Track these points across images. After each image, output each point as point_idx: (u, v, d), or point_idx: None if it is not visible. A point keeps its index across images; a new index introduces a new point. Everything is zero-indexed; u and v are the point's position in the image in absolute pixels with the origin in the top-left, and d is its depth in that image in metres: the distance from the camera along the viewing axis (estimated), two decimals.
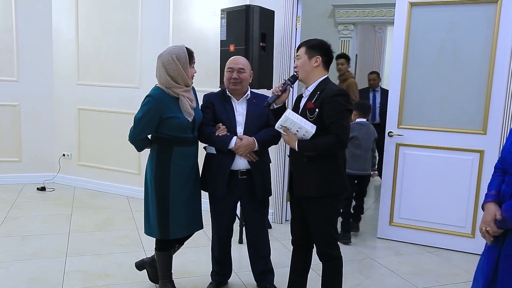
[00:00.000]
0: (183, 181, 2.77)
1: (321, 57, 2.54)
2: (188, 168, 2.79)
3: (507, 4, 3.64)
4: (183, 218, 2.80)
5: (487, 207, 1.99)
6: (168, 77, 2.67)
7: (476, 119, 3.86)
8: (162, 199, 2.73)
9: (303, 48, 2.57)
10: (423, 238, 4.11)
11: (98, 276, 3.29)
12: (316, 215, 2.56)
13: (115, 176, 5.45)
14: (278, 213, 4.59)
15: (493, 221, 1.93)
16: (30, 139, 5.70)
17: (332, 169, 2.51)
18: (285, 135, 2.51)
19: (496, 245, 1.97)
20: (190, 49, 2.75)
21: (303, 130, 2.46)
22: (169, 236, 2.79)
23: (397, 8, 4.01)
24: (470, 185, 3.91)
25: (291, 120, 2.45)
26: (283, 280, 2.99)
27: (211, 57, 4.52)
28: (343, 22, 7.11)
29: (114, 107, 5.35)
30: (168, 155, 2.72)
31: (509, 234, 1.90)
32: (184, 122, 2.69)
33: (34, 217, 4.52)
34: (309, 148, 2.47)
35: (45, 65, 5.66)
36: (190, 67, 2.71)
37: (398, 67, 4.05)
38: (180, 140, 2.73)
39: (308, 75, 2.56)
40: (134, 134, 2.73)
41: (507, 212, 1.88)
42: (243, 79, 2.88)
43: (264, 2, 4.19)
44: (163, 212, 2.74)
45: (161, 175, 2.72)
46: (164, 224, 2.76)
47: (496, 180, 2.04)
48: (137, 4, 5.11)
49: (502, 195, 1.97)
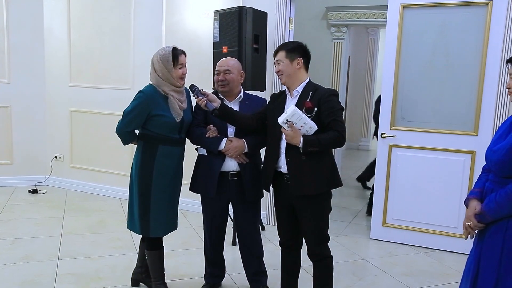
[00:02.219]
0: (166, 180, 2.80)
1: (302, 59, 2.59)
2: (172, 167, 2.82)
3: (498, 7, 3.67)
4: (163, 217, 2.83)
5: (469, 203, 2.10)
6: (157, 76, 2.73)
7: (468, 121, 3.88)
8: (144, 196, 2.77)
9: (283, 52, 2.59)
10: (416, 239, 4.13)
11: (90, 279, 3.27)
12: (312, 213, 2.57)
13: (108, 178, 5.42)
14: (271, 214, 4.59)
15: (474, 215, 2.03)
16: (21, 141, 5.66)
17: (328, 166, 2.55)
18: (289, 131, 2.47)
19: (480, 241, 2.06)
20: (178, 50, 2.76)
21: (307, 125, 2.46)
22: (149, 234, 2.83)
23: (389, 10, 4.03)
24: (462, 186, 3.93)
25: (299, 114, 2.43)
26: (276, 281, 3.00)
27: (205, 59, 4.52)
28: (336, 24, 7.13)
29: (106, 108, 5.32)
30: (153, 153, 2.75)
31: (489, 228, 1.99)
32: (171, 121, 2.72)
33: (25, 219, 4.49)
34: (313, 143, 2.47)
35: (37, 66, 5.63)
36: (175, 68, 2.73)
37: (390, 69, 4.07)
38: (165, 139, 2.76)
39: (292, 77, 2.59)
40: (122, 126, 2.81)
41: (486, 206, 1.98)
42: (230, 80, 2.87)
43: (257, 4, 4.19)
44: (145, 209, 2.78)
45: (145, 172, 2.76)
46: (145, 221, 2.79)
47: (482, 179, 2.14)
48: (130, 5, 5.10)
49: (485, 192, 2.06)
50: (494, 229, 1.98)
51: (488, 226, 2.01)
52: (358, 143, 10.13)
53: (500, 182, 1.98)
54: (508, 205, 1.91)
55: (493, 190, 2.00)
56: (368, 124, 10.03)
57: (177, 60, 2.73)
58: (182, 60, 2.76)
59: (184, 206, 4.79)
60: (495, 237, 1.97)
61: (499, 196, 1.93)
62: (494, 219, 1.97)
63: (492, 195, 1.98)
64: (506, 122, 2.10)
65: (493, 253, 1.98)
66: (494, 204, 1.95)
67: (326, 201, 2.61)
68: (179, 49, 2.77)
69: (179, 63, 2.74)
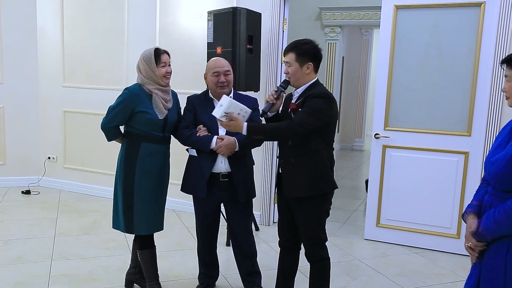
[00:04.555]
0: (149, 178, 2.82)
1: (312, 63, 2.54)
2: (156, 165, 2.84)
3: (491, 8, 3.69)
4: (146, 215, 2.84)
5: (467, 219, 1.92)
6: (142, 76, 2.80)
7: (461, 121, 3.90)
8: (127, 193, 2.80)
9: (293, 54, 2.51)
10: (410, 239, 4.14)
11: (84, 280, 3.26)
12: (305, 215, 2.57)
13: (101, 179, 5.40)
14: (265, 215, 4.60)
15: (471, 235, 1.85)
16: (14, 141, 5.63)
17: (319, 168, 2.52)
18: (231, 122, 2.48)
19: (478, 262, 1.88)
20: (161, 50, 2.82)
21: (244, 110, 2.49)
22: (133, 231, 2.86)
23: (383, 11, 4.04)
24: (455, 186, 3.95)
25: (235, 103, 2.48)
26: (270, 282, 2.99)
27: (198, 59, 4.51)
28: (329, 25, 7.15)
29: (100, 109, 5.25)
30: (136, 150, 2.79)
31: (488, 248, 1.82)
32: (154, 118, 2.75)
33: (18, 220, 4.46)
34: (258, 130, 2.50)
35: (30, 67, 5.59)
36: (158, 67, 2.77)
37: (384, 70, 4.08)
38: (148, 136, 2.80)
39: (299, 80, 2.56)
40: (106, 121, 2.85)
41: (485, 224, 1.80)
42: (230, 81, 2.89)
43: (251, 4, 4.19)
44: (128, 207, 2.81)
45: (128, 169, 2.80)
46: (128, 218, 2.82)
47: (481, 191, 1.97)
48: (123, 6, 5.08)
49: (484, 206, 1.89)
50: (494, 249, 1.79)
51: (488, 245, 1.82)
52: (352, 144, 10.15)
53: (499, 196, 1.80)
54: (507, 224, 1.73)
55: (492, 205, 1.82)
56: (362, 124, 10.05)
57: (159, 59, 2.78)
58: (164, 59, 2.80)
59: (178, 206, 4.81)
60: (495, 259, 1.78)
61: (498, 214, 1.75)
62: (494, 238, 1.78)
63: (491, 212, 1.79)
64: (505, 128, 1.91)
65: (494, 277, 1.78)
66: (493, 223, 1.76)
67: (319, 204, 2.57)
68: (161, 49, 2.84)
69: (162, 62, 2.79)
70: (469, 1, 3.75)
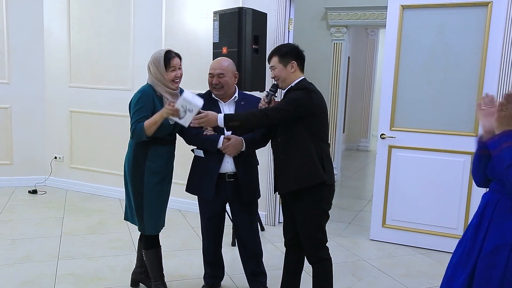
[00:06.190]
0: (158, 179, 2.81)
1: (296, 61, 2.60)
2: (163, 167, 2.84)
3: (498, 7, 3.67)
4: (156, 215, 2.86)
5: None
6: (152, 77, 2.77)
7: (467, 121, 3.88)
8: (137, 193, 2.80)
9: (275, 57, 2.61)
10: (415, 240, 4.13)
11: (90, 279, 3.27)
12: (301, 214, 2.58)
13: (107, 178, 5.42)
14: (270, 215, 4.59)
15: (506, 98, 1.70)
16: (21, 141, 5.66)
17: (305, 162, 2.52)
18: (205, 116, 2.55)
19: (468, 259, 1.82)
20: (172, 53, 2.77)
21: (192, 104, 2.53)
22: (144, 231, 2.86)
23: (389, 11, 4.03)
24: (461, 186, 3.93)
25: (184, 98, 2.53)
26: (276, 282, 2.99)
27: (204, 60, 4.52)
28: (335, 25, 7.12)
29: (106, 109, 5.33)
30: (145, 153, 2.77)
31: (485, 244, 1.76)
32: (165, 123, 2.72)
33: (25, 220, 4.49)
34: (233, 116, 2.58)
35: (36, 67, 5.63)
36: (168, 71, 2.74)
37: (390, 70, 4.07)
38: (158, 140, 2.78)
39: (286, 80, 2.62)
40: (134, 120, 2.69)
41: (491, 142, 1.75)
42: (224, 84, 2.84)
43: (256, 4, 4.20)
44: (140, 208, 2.81)
45: (137, 172, 2.79)
46: (140, 218, 2.84)
47: None
48: (129, 6, 5.10)
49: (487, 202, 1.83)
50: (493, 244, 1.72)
51: (484, 242, 1.75)
52: (358, 144, 10.13)
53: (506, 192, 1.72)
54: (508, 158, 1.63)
55: (500, 201, 1.75)
56: (368, 124, 10.03)
57: (169, 63, 2.74)
58: (175, 63, 2.76)
59: (184, 206, 4.82)
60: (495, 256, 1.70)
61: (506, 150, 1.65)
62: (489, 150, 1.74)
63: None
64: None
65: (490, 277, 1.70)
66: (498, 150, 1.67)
67: (313, 203, 2.55)
68: (173, 52, 2.78)
69: (171, 66, 2.74)
70: (476, 0, 3.73)
